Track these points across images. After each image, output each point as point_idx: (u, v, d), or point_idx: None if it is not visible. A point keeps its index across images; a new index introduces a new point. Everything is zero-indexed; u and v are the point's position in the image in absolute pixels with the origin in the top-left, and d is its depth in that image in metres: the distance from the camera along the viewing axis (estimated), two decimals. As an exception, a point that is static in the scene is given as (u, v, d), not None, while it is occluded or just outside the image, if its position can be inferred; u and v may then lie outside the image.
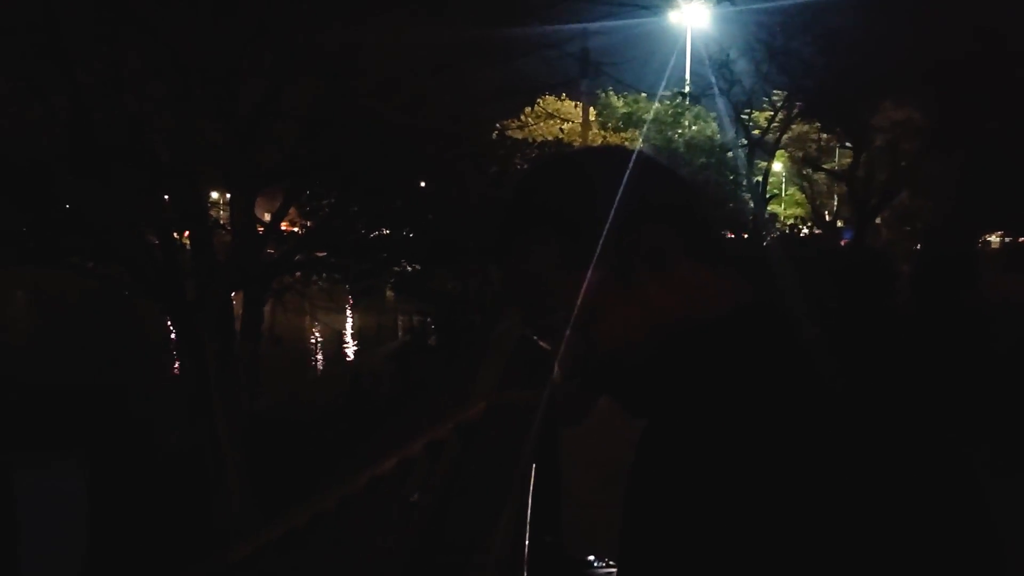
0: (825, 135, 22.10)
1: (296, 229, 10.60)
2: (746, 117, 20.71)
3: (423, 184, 9.14)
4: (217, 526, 6.42)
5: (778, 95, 20.34)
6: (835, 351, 0.70)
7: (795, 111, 20.19)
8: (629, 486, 0.71)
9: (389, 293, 14.13)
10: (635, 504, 0.70)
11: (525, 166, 14.34)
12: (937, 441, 0.68)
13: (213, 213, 10.85)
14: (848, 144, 20.45)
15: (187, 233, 7.88)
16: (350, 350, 21.13)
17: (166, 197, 7.89)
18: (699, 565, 0.64)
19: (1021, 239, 20.03)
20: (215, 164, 7.71)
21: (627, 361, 0.80)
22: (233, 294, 9.10)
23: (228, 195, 8.42)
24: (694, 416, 0.69)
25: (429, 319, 17.42)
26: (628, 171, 0.81)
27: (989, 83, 13.79)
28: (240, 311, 9.65)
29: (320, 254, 9.59)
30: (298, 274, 9.63)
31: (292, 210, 10.09)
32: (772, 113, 20.99)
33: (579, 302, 0.79)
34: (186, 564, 4.69)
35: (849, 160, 20.82)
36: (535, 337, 0.84)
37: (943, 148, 15.64)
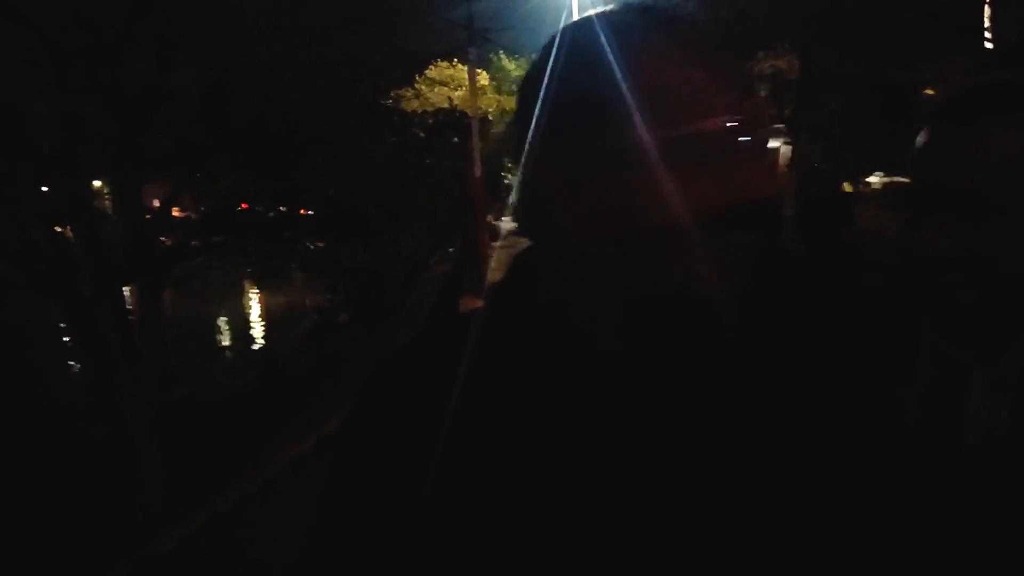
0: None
1: (191, 214, 10.24)
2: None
3: (322, 159, 9.03)
4: (138, 519, 6.31)
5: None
6: None
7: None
8: None
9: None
10: None
11: (423, 135, 14.21)
12: None
13: (100, 204, 10.38)
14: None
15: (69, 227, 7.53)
16: (261, 332, 20.66)
17: (46, 188, 7.53)
18: None
19: (896, 179, 21.14)
20: (100, 154, 7.39)
21: None
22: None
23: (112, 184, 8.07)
24: None
25: (339, 296, 17.21)
26: None
27: (855, 30, 14.35)
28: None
29: (219, 238, 9.30)
30: (199, 259, 9.37)
31: (188, 196, 9.75)
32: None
33: None
34: (108, 560, 4.65)
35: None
36: None
37: (815, 97, 16.34)
